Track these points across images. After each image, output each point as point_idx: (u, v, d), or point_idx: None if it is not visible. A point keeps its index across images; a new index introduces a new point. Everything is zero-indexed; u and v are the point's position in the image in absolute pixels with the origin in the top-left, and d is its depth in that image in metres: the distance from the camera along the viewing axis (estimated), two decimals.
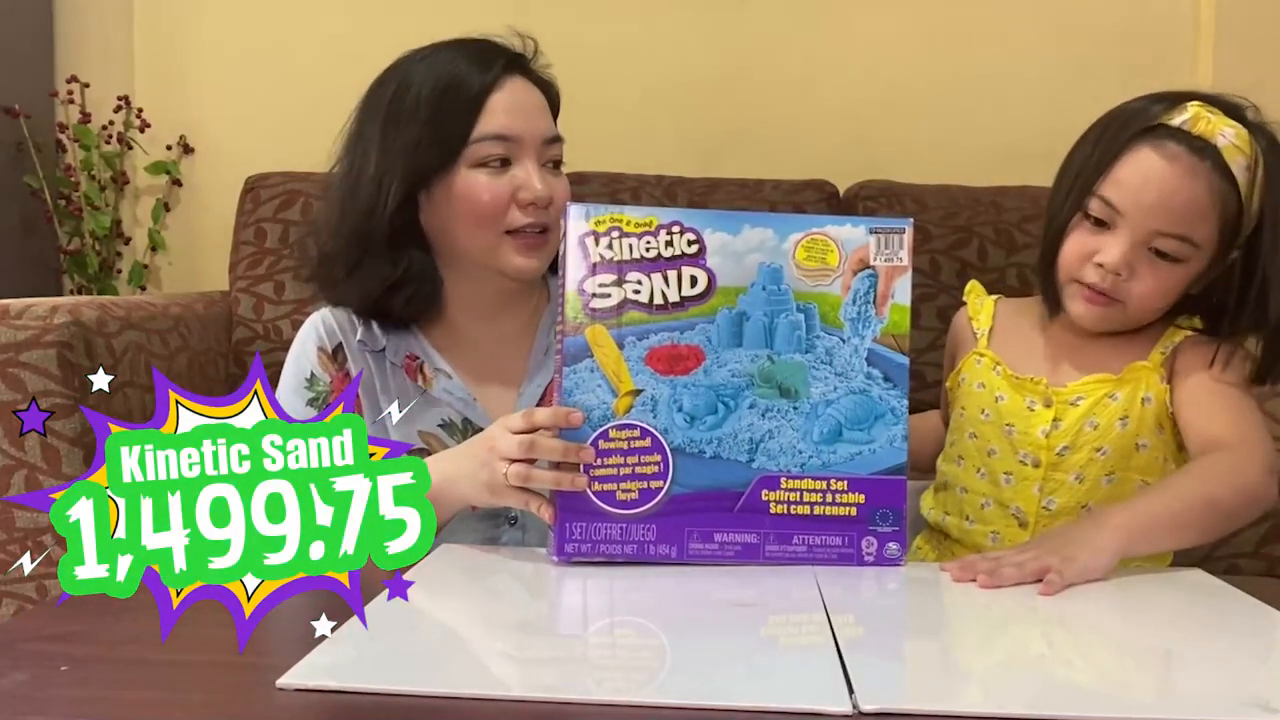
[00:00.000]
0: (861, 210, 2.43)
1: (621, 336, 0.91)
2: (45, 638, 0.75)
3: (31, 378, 1.75)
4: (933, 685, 0.75)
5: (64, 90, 2.57)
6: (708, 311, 0.92)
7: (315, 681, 0.67)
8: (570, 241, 0.92)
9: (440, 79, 1.16)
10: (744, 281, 0.92)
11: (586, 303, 0.91)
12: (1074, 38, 2.55)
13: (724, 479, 0.92)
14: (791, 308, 0.93)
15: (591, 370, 0.90)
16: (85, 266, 2.54)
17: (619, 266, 0.91)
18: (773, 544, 0.92)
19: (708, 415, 0.91)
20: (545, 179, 1.15)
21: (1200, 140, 1.08)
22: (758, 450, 0.92)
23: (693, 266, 0.92)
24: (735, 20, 2.65)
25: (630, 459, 0.90)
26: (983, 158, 2.41)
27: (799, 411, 0.93)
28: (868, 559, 0.94)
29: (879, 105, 2.64)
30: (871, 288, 0.94)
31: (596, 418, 0.90)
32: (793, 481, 0.92)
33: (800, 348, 0.93)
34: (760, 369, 0.92)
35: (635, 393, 0.91)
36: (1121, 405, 1.13)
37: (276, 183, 2.42)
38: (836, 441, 0.93)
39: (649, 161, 2.48)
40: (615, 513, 0.90)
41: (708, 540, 0.91)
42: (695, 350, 0.92)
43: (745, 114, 2.65)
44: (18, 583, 1.81)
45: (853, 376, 0.94)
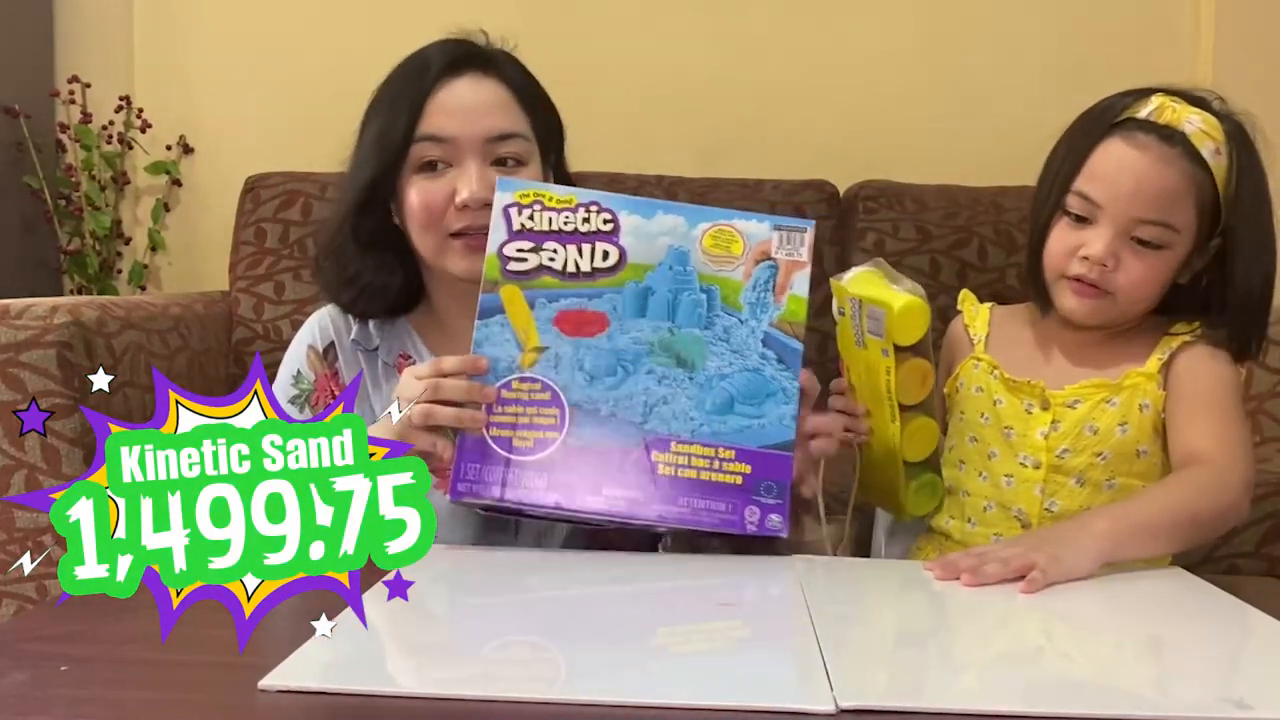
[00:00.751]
0: (861, 210, 2.44)
1: (533, 298, 0.97)
2: (45, 638, 0.75)
3: (31, 378, 1.75)
4: (912, 682, 0.75)
5: (64, 90, 2.57)
6: (616, 283, 0.98)
7: (298, 683, 0.67)
8: (495, 210, 0.98)
9: (391, 83, 1.17)
10: (653, 260, 0.98)
11: (504, 264, 0.97)
12: (1074, 38, 2.55)
13: (617, 437, 0.96)
14: (695, 287, 0.99)
15: (502, 325, 0.96)
16: (85, 266, 2.54)
17: (537, 235, 0.98)
18: (658, 503, 0.96)
19: (607, 376, 0.96)
20: (486, 180, 1.12)
21: (1168, 129, 1.11)
22: (652, 413, 0.97)
23: (606, 242, 0.98)
24: (735, 20, 2.65)
25: (530, 409, 0.95)
26: (983, 158, 2.41)
27: (694, 382, 0.98)
28: (750, 527, 0.97)
29: (879, 105, 2.64)
30: (771, 277, 1.00)
31: (502, 369, 0.95)
32: (682, 445, 0.97)
33: (700, 324, 0.98)
34: (660, 339, 0.98)
35: (540, 349, 0.96)
36: (1120, 411, 1.14)
37: (276, 183, 2.42)
38: (728, 413, 0.98)
39: (649, 161, 2.48)
40: (510, 458, 0.94)
41: (595, 493, 0.95)
42: (601, 316, 0.97)
43: (745, 114, 2.65)
44: (18, 583, 1.81)
45: (748, 355, 0.99)
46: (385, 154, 1.14)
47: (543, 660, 0.77)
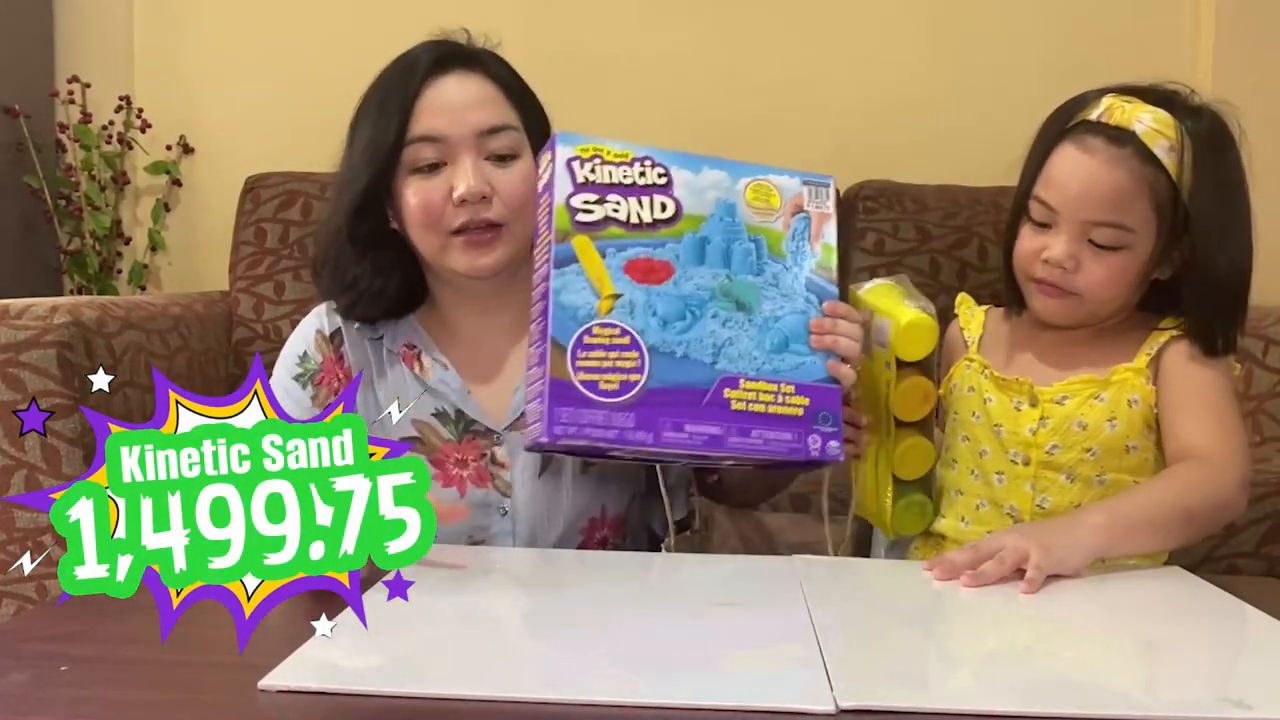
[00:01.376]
0: (861, 210, 2.44)
1: (603, 247, 1.01)
2: (45, 638, 0.75)
3: (31, 378, 1.75)
4: (913, 682, 0.75)
5: (64, 90, 2.57)
6: (675, 234, 1.03)
7: (298, 683, 0.67)
8: (559, 164, 1.01)
9: (377, 87, 1.17)
10: (704, 212, 1.05)
11: (573, 215, 1.01)
12: (1074, 38, 2.56)
13: (692, 377, 1.01)
14: (744, 237, 1.05)
15: (578, 274, 1.00)
16: (85, 266, 2.54)
17: (601, 188, 1.02)
18: (735, 436, 1.02)
19: (677, 320, 1.02)
20: (482, 174, 1.13)
21: (1117, 129, 1.11)
22: (720, 354, 1.03)
23: (663, 195, 1.04)
24: (735, 20, 2.65)
25: (611, 354, 0.99)
26: (983, 158, 2.41)
27: (753, 324, 1.04)
28: (814, 453, 1.04)
29: (879, 105, 2.64)
30: (806, 228, 1.08)
31: (582, 315, 0.99)
32: (750, 383, 1.03)
33: (753, 270, 1.05)
34: (720, 285, 1.04)
35: (615, 296, 1.00)
36: (1108, 407, 1.14)
37: (276, 183, 2.42)
38: (784, 351, 1.05)
39: None
40: (599, 400, 0.98)
41: (679, 430, 1.00)
42: (665, 264, 1.02)
43: (745, 113, 2.65)
44: (18, 583, 1.81)
45: (795, 299, 1.06)
46: (377, 159, 1.14)
47: (543, 660, 0.77)
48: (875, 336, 1.10)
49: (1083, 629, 0.89)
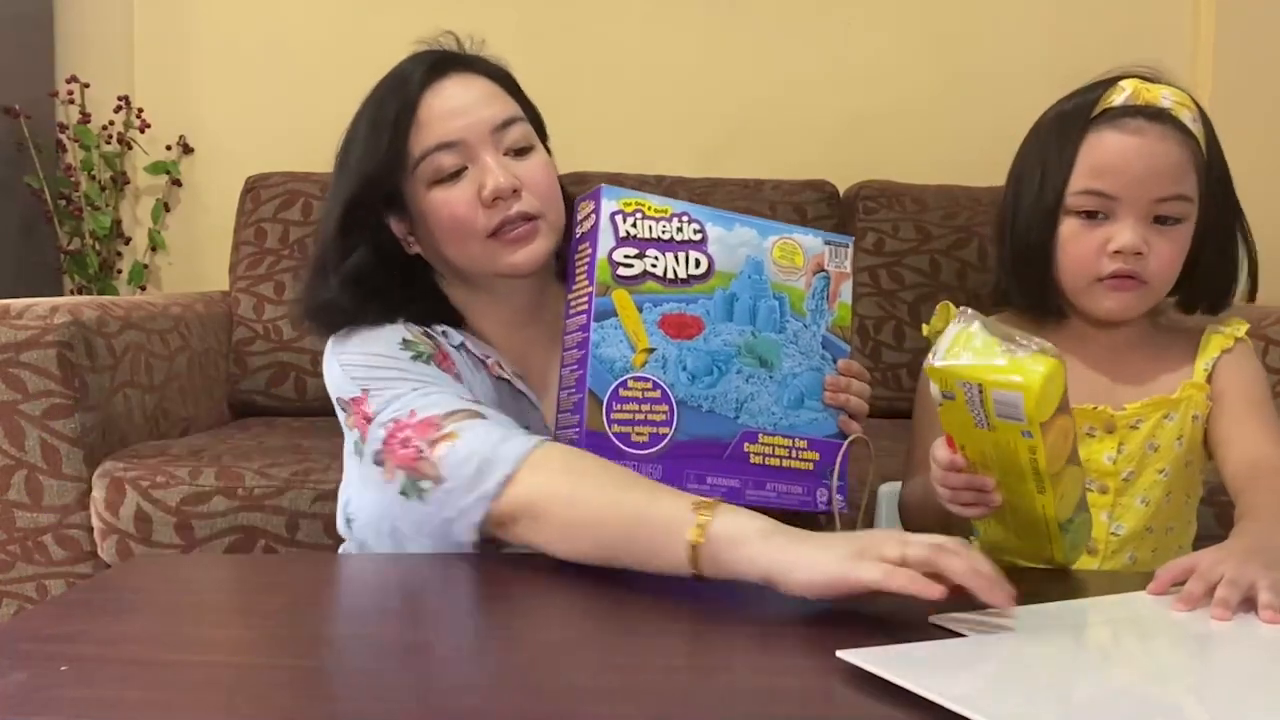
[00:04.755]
0: (861, 210, 2.44)
1: (640, 301, 1.04)
2: (45, 638, 0.75)
3: (31, 378, 1.75)
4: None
5: (64, 90, 2.57)
6: (707, 290, 1.06)
7: None
8: (603, 217, 1.03)
9: (371, 103, 1.12)
10: (734, 269, 1.07)
11: (614, 269, 1.03)
12: (1074, 38, 2.56)
13: (716, 430, 1.06)
14: (769, 294, 1.09)
15: (616, 327, 1.03)
16: (85, 266, 2.54)
17: (641, 243, 1.04)
18: (751, 489, 1.06)
19: (705, 375, 1.05)
20: (506, 168, 1.10)
21: (1150, 108, 1.11)
22: (742, 409, 1.07)
23: (697, 251, 1.06)
24: (736, 21, 2.65)
25: (644, 407, 1.03)
26: (983, 158, 2.41)
27: (773, 380, 1.08)
28: (822, 505, 1.09)
29: (879, 105, 2.64)
30: (826, 287, 1.11)
31: (619, 369, 1.02)
32: (768, 437, 1.08)
33: (776, 328, 1.09)
34: (745, 341, 1.07)
35: (649, 350, 1.03)
36: (1178, 425, 1.13)
37: (276, 183, 2.42)
38: (800, 408, 1.09)
39: (649, 161, 2.48)
40: (630, 452, 1.02)
41: (701, 481, 1.04)
42: (697, 320, 1.05)
43: (745, 114, 2.65)
44: (18, 583, 1.81)
45: (812, 356, 1.10)
46: (370, 169, 1.09)
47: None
48: (997, 410, 0.90)
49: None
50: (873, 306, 2.38)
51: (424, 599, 0.93)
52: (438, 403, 1.00)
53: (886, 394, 2.35)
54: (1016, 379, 0.88)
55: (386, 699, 0.65)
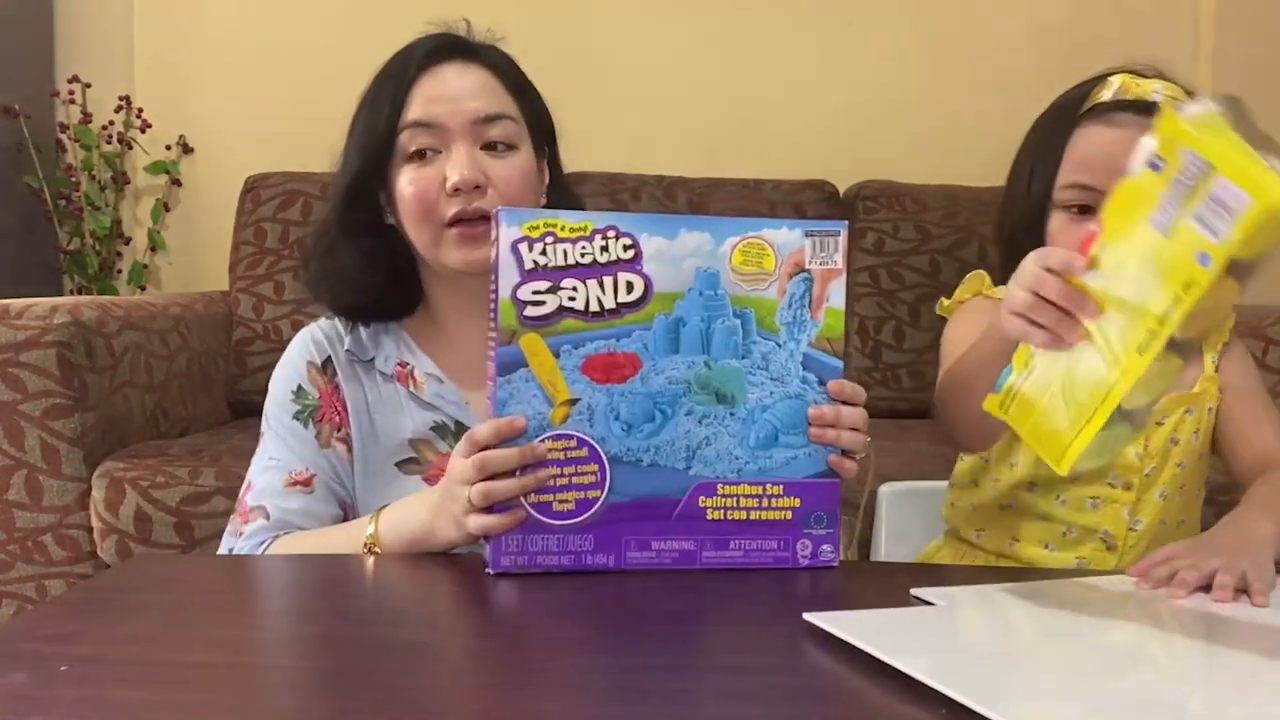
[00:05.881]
0: (861, 210, 2.44)
1: (557, 345, 0.89)
2: (45, 638, 0.75)
3: (31, 378, 1.75)
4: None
5: (64, 90, 2.57)
6: (644, 318, 0.90)
7: None
8: (502, 248, 0.88)
9: (375, 81, 1.16)
10: (681, 287, 0.91)
11: (521, 310, 0.88)
12: (1073, 39, 2.56)
13: (661, 487, 0.91)
14: (728, 313, 0.92)
15: (526, 380, 0.88)
16: (85, 266, 2.54)
17: (553, 273, 0.89)
18: (709, 550, 0.92)
19: (645, 423, 0.91)
20: (477, 162, 1.10)
21: (1139, 102, 1.10)
22: (695, 457, 0.92)
23: (629, 272, 0.90)
24: (736, 21, 2.65)
25: (567, 469, 0.89)
26: (983, 158, 2.41)
27: (735, 417, 0.92)
28: (803, 561, 0.94)
29: (879, 105, 2.64)
30: (807, 291, 0.93)
31: (532, 429, 0.88)
32: (730, 488, 0.92)
33: (737, 353, 0.92)
34: (697, 375, 0.91)
35: (571, 402, 0.89)
36: (1195, 419, 1.14)
37: (276, 183, 2.42)
38: (773, 446, 0.93)
39: (649, 161, 2.48)
40: (552, 524, 0.89)
41: (645, 548, 0.91)
42: (632, 358, 0.90)
43: (745, 114, 2.65)
44: (18, 582, 1.81)
45: (789, 381, 0.93)
46: (371, 146, 1.13)
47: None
48: (1198, 209, 0.70)
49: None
50: (873, 306, 2.38)
51: (424, 599, 0.93)
52: (261, 491, 1.09)
53: (886, 394, 2.35)
54: (1259, 180, 0.68)
55: (386, 699, 0.65)
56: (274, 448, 1.11)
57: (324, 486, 1.09)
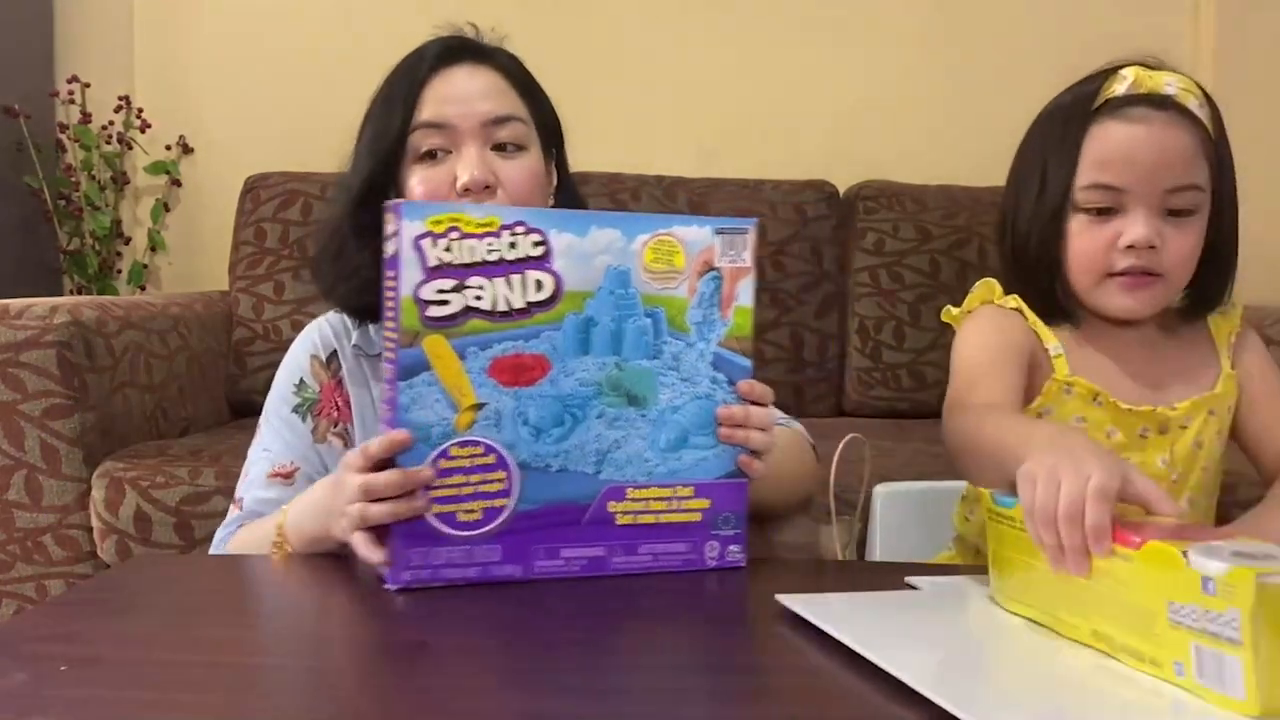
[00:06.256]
0: (861, 210, 2.44)
1: (462, 346, 0.85)
2: (45, 638, 0.75)
3: (31, 378, 1.75)
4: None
5: (64, 90, 2.57)
6: (554, 318, 0.87)
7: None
8: (404, 243, 0.84)
9: (385, 83, 1.17)
10: (591, 285, 0.88)
11: (423, 310, 0.84)
12: (1074, 38, 2.56)
13: (570, 493, 0.89)
14: (639, 312, 0.90)
15: (430, 384, 0.84)
16: (85, 266, 2.54)
17: (459, 270, 0.85)
18: (619, 556, 0.90)
19: (554, 427, 0.88)
20: (487, 163, 1.11)
21: (1155, 96, 1.06)
22: (605, 461, 0.90)
23: (538, 270, 0.87)
24: (736, 21, 2.65)
25: (473, 477, 0.86)
26: (983, 158, 2.41)
27: (646, 419, 0.90)
28: (711, 562, 0.93)
29: (879, 105, 2.64)
30: (716, 290, 0.92)
31: (436, 435, 0.84)
32: (639, 491, 0.91)
33: (648, 353, 0.90)
34: (608, 377, 0.89)
35: (478, 407, 0.86)
36: (1218, 420, 1.10)
37: (276, 183, 2.42)
38: (682, 448, 0.92)
39: (649, 161, 2.49)
40: (457, 535, 0.86)
41: (554, 557, 0.89)
42: (540, 359, 0.87)
43: (745, 114, 2.65)
44: (18, 582, 1.81)
45: (698, 382, 0.92)
46: (382, 147, 1.14)
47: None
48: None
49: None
50: (873, 306, 2.38)
51: (423, 599, 0.92)
52: (250, 482, 1.12)
53: (886, 394, 2.35)
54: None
55: (386, 699, 0.65)
56: (268, 439, 1.13)
57: (305, 480, 1.09)
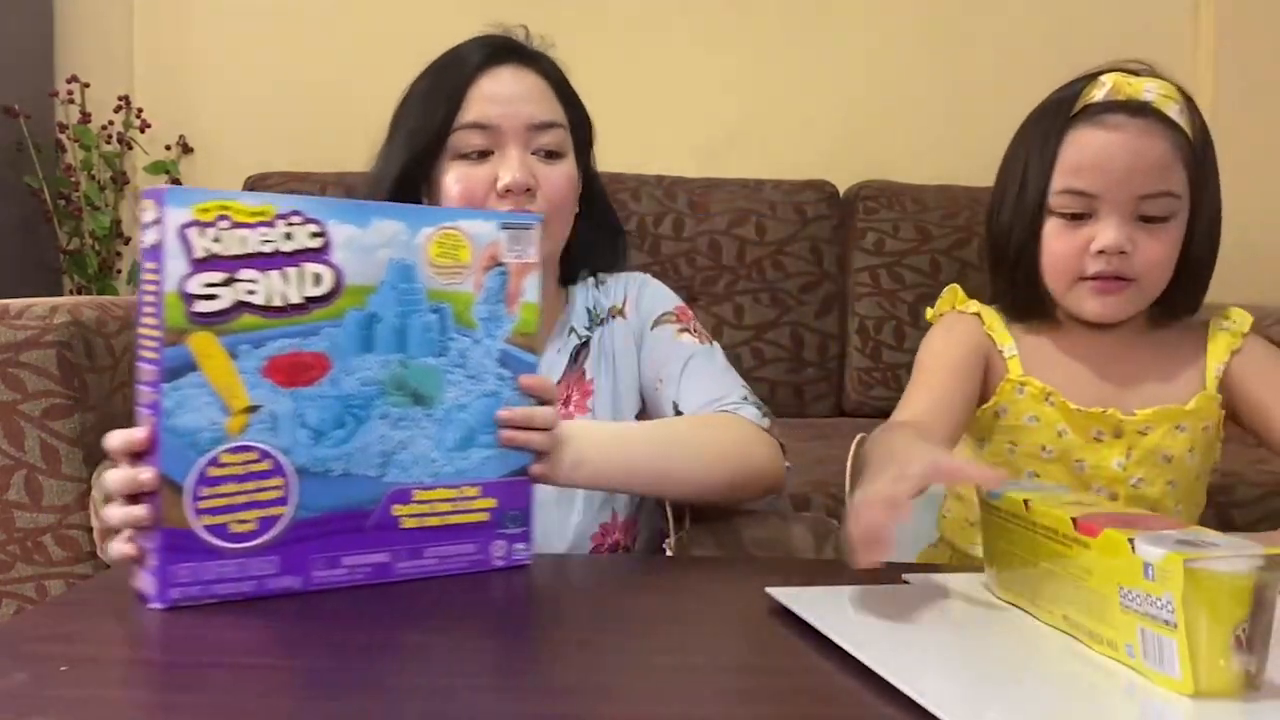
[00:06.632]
0: (861, 210, 2.44)
1: (234, 345, 0.79)
2: (45, 638, 0.75)
3: (31, 378, 1.75)
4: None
5: (64, 90, 2.57)
6: (334, 314, 0.82)
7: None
8: (168, 232, 0.76)
9: (427, 76, 1.17)
10: (374, 279, 0.84)
11: (190, 305, 0.77)
12: (1073, 39, 2.56)
13: (353, 498, 0.85)
14: (424, 308, 0.87)
15: (198, 386, 0.78)
16: (85, 266, 2.54)
17: (229, 263, 0.78)
18: (404, 560, 0.87)
19: (335, 429, 0.83)
20: (528, 166, 1.12)
21: (1133, 102, 1.07)
22: (389, 463, 0.86)
23: (316, 263, 0.82)
24: (736, 21, 2.65)
25: (247, 485, 0.80)
26: (983, 158, 2.41)
27: (432, 418, 0.87)
28: (498, 563, 0.92)
29: (879, 105, 2.64)
30: (503, 285, 0.90)
31: (205, 441, 0.78)
32: (425, 493, 0.88)
33: (434, 350, 0.87)
34: (392, 375, 0.85)
35: (251, 409, 0.80)
36: (1189, 436, 1.10)
37: (276, 183, 2.42)
38: (469, 447, 0.89)
39: (649, 161, 2.48)
40: (230, 548, 0.80)
41: (335, 566, 0.84)
42: (320, 358, 0.82)
43: (745, 114, 2.65)
44: (17, 582, 1.81)
45: (485, 379, 0.90)
46: (420, 143, 1.14)
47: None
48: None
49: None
50: (873, 306, 2.38)
51: (423, 600, 0.92)
52: None
53: (886, 394, 2.35)
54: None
55: (386, 699, 0.65)
56: None
57: None
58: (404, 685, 0.67)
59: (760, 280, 2.37)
